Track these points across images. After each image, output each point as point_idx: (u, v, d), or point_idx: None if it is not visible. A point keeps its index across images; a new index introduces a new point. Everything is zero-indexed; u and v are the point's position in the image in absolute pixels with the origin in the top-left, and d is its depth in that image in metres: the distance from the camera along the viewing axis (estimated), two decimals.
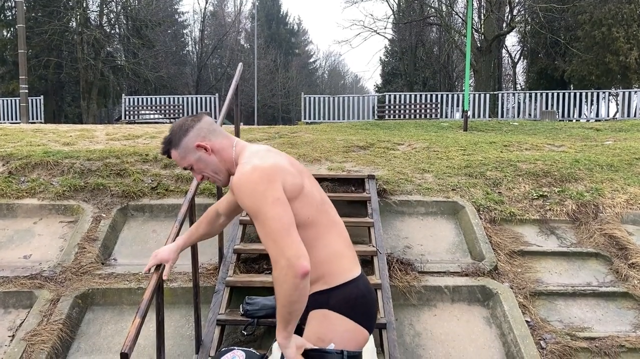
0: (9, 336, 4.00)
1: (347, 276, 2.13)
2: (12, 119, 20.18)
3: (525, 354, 3.77)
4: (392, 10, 34.35)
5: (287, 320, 2.00)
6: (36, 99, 20.53)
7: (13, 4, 29.97)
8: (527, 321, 4.12)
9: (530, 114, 18.54)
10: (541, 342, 3.96)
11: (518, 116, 18.89)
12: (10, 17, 30.29)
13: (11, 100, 20.81)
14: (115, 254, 4.84)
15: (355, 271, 2.18)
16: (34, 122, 18.86)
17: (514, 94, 21.68)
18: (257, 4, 42.00)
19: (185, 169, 2.22)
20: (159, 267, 2.56)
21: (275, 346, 2.50)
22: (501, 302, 4.21)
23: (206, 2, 45.32)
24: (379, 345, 3.68)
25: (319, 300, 2.12)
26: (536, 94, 18.94)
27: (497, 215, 5.33)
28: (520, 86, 36.51)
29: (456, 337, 4.06)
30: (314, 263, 2.03)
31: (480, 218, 5.23)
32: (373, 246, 4.51)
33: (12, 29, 30.08)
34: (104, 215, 5.13)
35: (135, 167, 5.87)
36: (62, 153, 6.22)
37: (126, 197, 5.36)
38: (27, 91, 18.77)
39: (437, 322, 4.19)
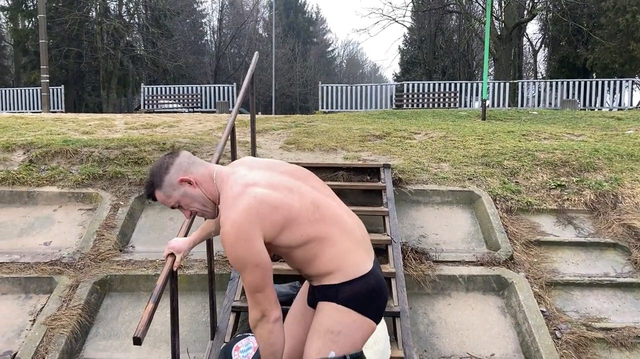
0: (30, 321, 4.09)
1: (356, 271, 2.15)
2: (33, 109, 20.46)
3: (540, 344, 3.76)
4: None
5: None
6: (57, 89, 20.77)
7: None
8: (542, 311, 4.10)
9: (550, 103, 18.28)
10: (556, 332, 3.94)
11: (538, 105, 18.64)
12: (32, 8, 30.63)
13: (33, 89, 21.09)
14: (133, 241, 4.91)
15: (366, 265, 2.18)
16: (55, 112, 19.11)
17: (534, 82, 21.37)
18: None
19: (172, 207, 2.22)
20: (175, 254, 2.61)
21: None
22: (516, 292, 4.19)
23: None
24: (393, 333, 3.70)
25: (327, 293, 2.16)
26: (557, 82, 18.67)
27: (514, 205, 5.29)
28: (541, 75, 36.00)
29: (470, 326, 4.06)
30: (322, 264, 2.13)
31: (497, 208, 5.20)
32: (388, 235, 4.51)
33: (33, 19, 30.42)
34: (122, 203, 5.20)
35: (153, 156, 5.93)
36: (82, 142, 6.31)
37: (144, 186, 5.42)
38: (48, 80, 19.02)
39: (452, 311, 4.19)
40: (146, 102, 19.93)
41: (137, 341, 2.39)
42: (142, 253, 4.70)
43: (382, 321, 3.50)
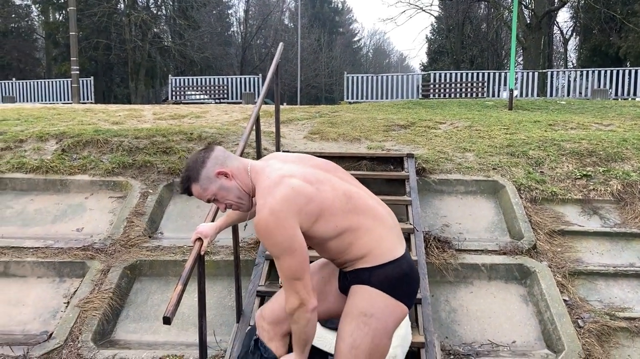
0: (64, 303, 4.26)
1: (388, 256, 2.20)
2: (64, 100, 20.90)
3: (562, 332, 3.78)
4: None
5: (303, 346, 2.24)
6: (87, 80, 21.16)
7: None
8: (565, 300, 4.11)
9: (581, 93, 17.96)
10: (579, 321, 3.95)
11: (568, 95, 18.33)
12: (62, 0, 31.18)
13: (63, 81, 21.53)
14: (162, 228, 5.05)
15: (398, 250, 2.24)
16: (85, 103, 19.50)
17: (564, 72, 21.00)
18: None
19: (208, 201, 2.27)
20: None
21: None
22: (538, 280, 4.20)
23: None
24: (414, 320, 3.75)
25: (360, 276, 2.21)
26: (588, 71, 18.32)
27: (538, 194, 5.28)
28: (572, 64, 35.34)
29: (492, 314, 4.09)
30: (356, 249, 2.18)
31: (521, 197, 5.19)
32: (410, 224, 4.56)
33: (63, 12, 31.01)
34: (151, 191, 5.34)
35: (181, 146, 6.07)
36: (112, 132, 6.48)
37: (172, 174, 5.56)
38: (78, 72, 19.42)
39: (473, 299, 4.23)
40: (174, 93, 20.19)
41: (167, 320, 2.50)
42: (170, 239, 4.84)
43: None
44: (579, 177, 5.56)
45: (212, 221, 2.97)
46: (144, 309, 4.26)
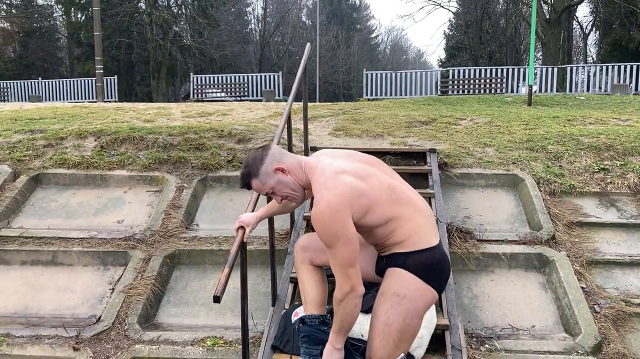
0: (110, 289, 4.57)
1: (424, 243, 2.45)
2: (88, 98, 21.37)
3: (579, 317, 3.98)
4: None
5: (345, 331, 2.47)
6: (110, 79, 21.61)
7: None
8: (582, 287, 4.31)
9: (600, 87, 17.96)
10: (595, 306, 4.15)
11: (588, 90, 18.34)
12: (84, 1, 31.77)
13: (87, 80, 22.00)
14: (197, 220, 5.35)
15: (434, 239, 2.49)
16: (109, 101, 19.94)
17: (583, 67, 20.97)
18: None
19: (266, 194, 2.52)
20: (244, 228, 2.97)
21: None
22: (557, 269, 4.41)
23: None
24: (439, 304, 3.99)
25: (396, 260, 2.47)
26: (607, 67, 18.31)
27: (557, 187, 5.47)
28: (592, 59, 35.09)
29: (512, 300, 4.31)
30: (398, 235, 2.44)
31: (540, 190, 5.39)
32: (434, 216, 4.78)
33: (86, 12, 31.60)
34: (186, 185, 5.64)
35: (212, 142, 6.36)
36: (146, 129, 6.79)
37: (205, 169, 5.86)
38: (102, 71, 19.87)
39: (494, 286, 4.45)
40: (195, 91, 20.56)
41: (217, 299, 2.77)
42: (205, 230, 5.13)
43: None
44: (597, 170, 5.74)
45: (252, 211, 3.23)
46: (183, 295, 4.55)
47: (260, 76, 21.21)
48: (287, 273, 4.21)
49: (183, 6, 34.20)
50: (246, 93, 20.18)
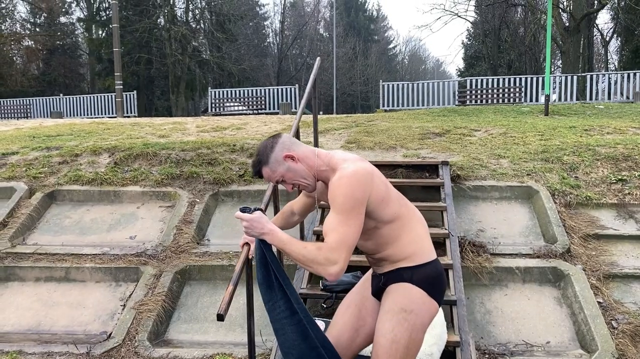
0: (121, 305, 4.59)
1: (428, 257, 2.44)
2: (109, 114, 21.67)
3: (596, 333, 3.88)
4: None
5: (287, 250, 2.29)
6: (130, 94, 21.90)
7: (107, 5, 32.05)
8: (599, 302, 4.20)
9: (622, 94, 17.67)
10: (612, 322, 4.04)
11: (609, 98, 18.06)
12: (105, 18, 32.40)
13: (107, 96, 22.32)
14: (209, 235, 5.35)
15: (434, 253, 2.49)
16: (129, 116, 20.20)
17: (604, 74, 20.68)
18: None
19: (277, 182, 2.49)
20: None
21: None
22: (572, 283, 4.31)
23: None
24: (450, 320, 3.92)
25: (403, 275, 2.42)
26: (629, 74, 18.02)
27: (573, 199, 5.37)
28: (614, 66, 34.60)
29: (526, 315, 4.22)
30: (403, 247, 2.40)
31: (555, 202, 5.29)
32: (445, 229, 4.73)
33: (107, 28, 32.18)
34: (198, 200, 5.66)
35: (224, 157, 6.38)
36: (159, 145, 6.85)
37: (217, 184, 5.87)
38: (122, 86, 20.17)
39: (508, 301, 4.37)
40: (213, 105, 20.73)
41: (220, 317, 2.74)
42: (217, 246, 5.13)
43: (439, 307, 3.74)
44: (614, 181, 5.62)
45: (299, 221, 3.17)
46: (194, 311, 4.55)
47: (277, 89, 21.31)
48: (296, 289, 4.17)
49: (201, 21, 34.64)
50: (263, 106, 20.28)
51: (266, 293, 2.57)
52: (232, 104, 20.92)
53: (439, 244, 4.75)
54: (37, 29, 36.27)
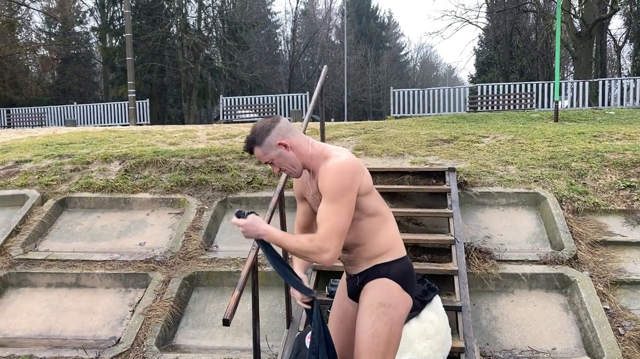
0: (130, 311, 4.65)
1: (402, 253, 2.55)
2: (122, 122, 21.88)
3: (602, 340, 3.87)
4: None
5: (284, 245, 2.39)
6: (142, 102, 22.10)
7: (121, 14, 32.45)
8: (606, 309, 4.19)
9: (635, 99, 17.53)
10: (619, 329, 4.03)
11: (622, 104, 17.92)
12: (119, 27, 32.78)
13: (120, 104, 22.54)
14: (217, 241, 5.41)
15: (405, 251, 2.59)
16: (141, 124, 20.38)
17: (616, 80, 20.53)
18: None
19: (266, 163, 2.58)
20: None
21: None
22: (579, 289, 4.30)
23: (297, 2, 46.47)
24: (455, 327, 3.94)
25: (380, 271, 2.49)
26: None
27: (580, 206, 5.36)
28: (627, 72, 34.32)
29: (532, 322, 4.22)
30: (380, 242, 2.49)
31: (562, 209, 5.29)
32: (451, 236, 4.74)
33: (120, 37, 32.58)
34: (207, 207, 5.72)
35: (233, 164, 6.44)
36: (169, 152, 6.93)
37: (225, 191, 5.94)
38: (134, 95, 20.38)
39: (514, 308, 4.37)
40: (225, 112, 20.87)
41: (226, 322, 2.79)
42: (225, 252, 5.18)
43: (444, 313, 3.76)
44: (623, 188, 5.60)
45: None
46: (201, 316, 4.59)
47: (288, 96, 21.42)
48: None
49: (213, 29, 34.93)
50: (275, 113, 20.39)
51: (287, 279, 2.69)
52: (243, 111, 21.05)
53: (445, 250, 4.77)
54: (52, 39, 36.78)
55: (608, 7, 24.80)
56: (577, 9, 25.53)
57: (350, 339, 2.63)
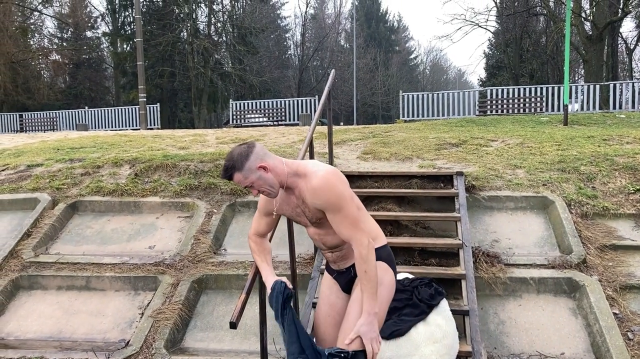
0: (139, 314, 4.69)
1: (385, 240, 2.83)
2: (132, 126, 22.03)
3: (611, 345, 3.85)
4: (494, 3, 33.43)
5: (376, 288, 2.56)
6: (153, 107, 22.24)
7: (132, 19, 32.70)
8: (615, 313, 4.17)
9: None
10: (628, 333, 4.01)
11: (633, 107, 17.80)
12: (129, 32, 33.05)
13: (131, 108, 22.70)
14: (225, 244, 5.44)
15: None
16: (152, 129, 20.51)
17: (628, 83, 20.39)
18: (356, 3, 42.43)
19: (245, 187, 2.69)
20: None
21: None
22: (587, 294, 4.29)
23: (307, 6, 46.54)
24: (462, 330, 3.93)
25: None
26: None
27: (589, 210, 5.34)
28: (639, 74, 34.07)
29: (540, 326, 4.21)
30: (368, 230, 2.72)
31: (571, 212, 5.27)
32: (459, 240, 4.74)
33: (131, 42, 32.82)
34: (215, 211, 5.75)
35: None
36: (179, 156, 6.98)
37: (234, 195, 5.97)
38: (145, 99, 20.52)
39: (522, 312, 4.36)
40: (235, 117, 20.95)
41: (233, 325, 2.82)
42: (233, 255, 5.21)
43: (451, 317, 3.76)
44: (632, 192, 5.57)
45: (272, 236, 3.30)
46: (210, 319, 4.62)
47: (298, 100, 21.47)
48: (309, 298, 4.23)
49: (223, 34, 35.08)
50: (283, 117, 20.44)
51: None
52: (253, 115, 21.13)
53: (453, 254, 4.77)
54: (64, 44, 37.13)
55: (619, 10, 24.66)
56: (587, 11, 25.42)
57: (337, 320, 2.84)
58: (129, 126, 22.18)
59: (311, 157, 4.84)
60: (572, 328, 4.19)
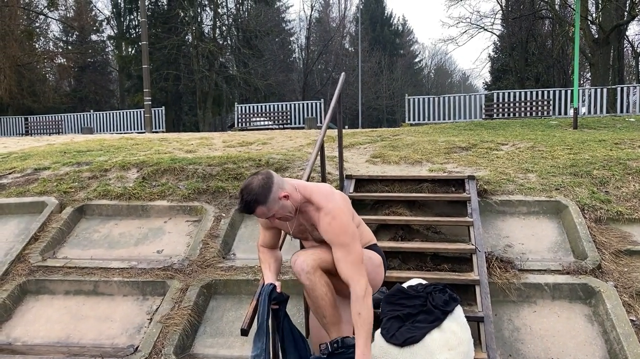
0: (148, 319, 4.63)
1: (375, 240, 3.32)
2: (138, 129, 22.04)
3: (629, 352, 3.77)
4: (500, 6, 33.34)
5: (371, 332, 2.70)
6: (158, 110, 22.24)
7: (137, 23, 32.77)
8: (632, 320, 4.09)
9: None
10: None
11: None
12: (134, 35, 33.10)
13: (136, 112, 22.72)
14: (234, 249, 5.38)
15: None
16: (157, 132, 20.50)
17: (634, 86, 20.27)
18: (361, 7, 42.50)
19: (267, 218, 2.73)
20: None
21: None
22: (604, 300, 4.21)
23: (312, 9, 46.57)
24: (477, 338, 3.86)
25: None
26: None
27: (603, 214, 5.26)
28: None
29: (556, 333, 4.13)
30: (363, 236, 3.06)
31: (585, 217, 5.19)
32: (472, 245, 4.67)
33: (136, 45, 32.89)
34: (224, 215, 5.70)
35: (250, 172, 6.42)
36: (187, 160, 6.93)
37: None
38: (150, 102, 20.52)
39: (537, 318, 4.28)
40: (240, 120, 20.93)
41: (244, 332, 2.77)
42: (242, 260, 5.15)
43: (466, 324, 3.68)
44: None
45: (282, 241, 3.26)
46: (219, 325, 4.56)
47: (303, 104, 21.44)
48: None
49: (228, 37, 35.13)
50: (289, 121, 20.41)
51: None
52: (258, 119, 21.09)
53: (466, 259, 4.70)
54: (70, 47, 37.27)
55: (626, 13, 24.55)
56: (594, 15, 25.31)
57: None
58: (134, 129, 22.19)
59: (322, 161, 4.78)
60: (588, 335, 4.12)
